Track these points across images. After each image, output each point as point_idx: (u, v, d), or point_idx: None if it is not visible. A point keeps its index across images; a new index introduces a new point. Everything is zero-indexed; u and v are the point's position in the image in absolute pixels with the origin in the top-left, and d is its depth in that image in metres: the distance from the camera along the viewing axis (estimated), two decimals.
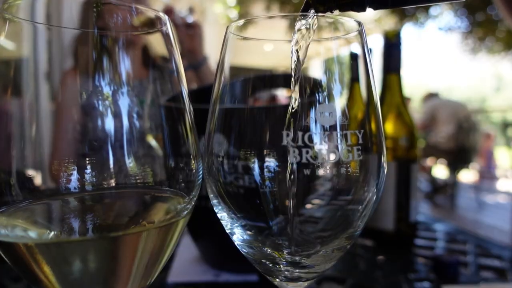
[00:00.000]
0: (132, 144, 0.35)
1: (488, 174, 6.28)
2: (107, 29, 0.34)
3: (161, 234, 0.32)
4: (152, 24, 0.35)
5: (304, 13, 0.34)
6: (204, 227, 0.66)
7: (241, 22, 0.36)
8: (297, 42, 0.33)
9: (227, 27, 0.36)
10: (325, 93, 0.34)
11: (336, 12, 0.35)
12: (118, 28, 0.34)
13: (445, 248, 0.88)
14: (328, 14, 0.35)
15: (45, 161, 0.34)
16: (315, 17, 0.33)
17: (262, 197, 0.35)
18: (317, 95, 0.33)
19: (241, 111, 0.36)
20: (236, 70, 0.37)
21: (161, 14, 0.35)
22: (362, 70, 0.36)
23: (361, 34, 0.35)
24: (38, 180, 0.33)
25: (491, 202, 5.64)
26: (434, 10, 6.64)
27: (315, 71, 0.36)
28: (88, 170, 0.34)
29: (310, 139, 0.33)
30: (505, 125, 4.60)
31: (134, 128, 0.35)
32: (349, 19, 0.35)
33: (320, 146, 0.33)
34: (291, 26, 0.36)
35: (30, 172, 0.33)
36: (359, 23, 0.35)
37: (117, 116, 0.34)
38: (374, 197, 0.36)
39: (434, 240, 0.93)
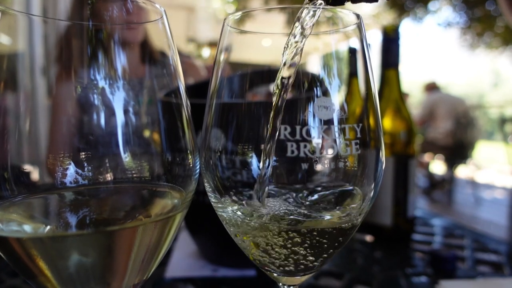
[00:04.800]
0: (129, 139, 0.34)
1: None
2: (102, 23, 0.33)
3: (158, 228, 0.32)
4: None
5: (313, 5, 0.33)
6: (201, 223, 0.66)
7: (238, 15, 0.36)
8: (296, 34, 0.33)
9: (224, 19, 0.36)
10: (323, 88, 0.33)
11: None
12: (113, 21, 0.33)
13: (443, 243, 0.88)
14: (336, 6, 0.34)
15: (41, 155, 0.34)
16: (320, 10, 0.33)
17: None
18: (315, 89, 0.33)
19: (238, 106, 0.36)
20: (233, 66, 0.37)
21: (157, 6, 0.35)
22: (361, 64, 0.36)
23: (359, 27, 0.35)
24: (33, 174, 0.33)
25: (488, 198, 5.67)
26: (432, 5, 6.63)
27: (314, 65, 0.36)
28: (85, 165, 0.33)
29: (308, 133, 0.33)
30: (502, 121, 4.60)
31: (131, 123, 0.34)
32: (348, 13, 0.35)
33: (318, 140, 0.33)
34: (290, 21, 0.35)
35: (26, 167, 0.32)
36: (358, 16, 0.35)
37: (114, 111, 0.34)
38: (372, 192, 0.36)
39: (431, 235, 0.93)
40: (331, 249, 0.35)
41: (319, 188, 0.36)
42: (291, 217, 0.34)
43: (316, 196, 0.36)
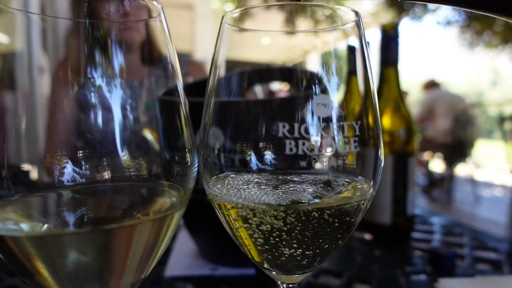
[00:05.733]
0: (127, 137, 0.34)
1: None
2: (101, 21, 0.33)
3: (156, 227, 0.32)
4: None
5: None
6: (201, 221, 0.66)
7: (237, 12, 0.36)
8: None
9: (222, 16, 0.35)
10: (322, 85, 0.33)
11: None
12: (110, 19, 0.33)
13: (442, 241, 0.88)
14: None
15: (39, 154, 0.34)
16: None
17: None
18: (314, 87, 0.33)
19: (237, 104, 0.35)
20: (232, 64, 0.37)
21: (155, 4, 0.35)
22: (360, 62, 0.35)
23: (358, 25, 0.35)
24: (31, 173, 0.33)
25: (487, 196, 5.68)
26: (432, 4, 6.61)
27: (312, 63, 0.36)
28: (83, 163, 0.33)
29: (307, 130, 0.32)
30: (501, 119, 4.60)
31: (130, 122, 0.34)
32: (346, 10, 0.35)
33: (317, 137, 0.33)
34: (290, 19, 0.35)
35: (23, 166, 0.32)
36: (357, 13, 0.35)
37: (112, 109, 0.34)
38: (371, 190, 0.36)
39: (430, 233, 0.93)
40: (327, 247, 0.35)
41: (318, 185, 0.36)
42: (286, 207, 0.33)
43: (313, 194, 0.36)
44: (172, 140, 0.36)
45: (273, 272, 0.37)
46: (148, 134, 0.36)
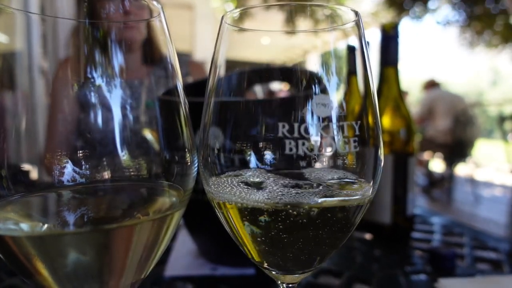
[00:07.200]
0: (127, 137, 0.34)
1: None
2: (101, 21, 0.33)
3: (156, 227, 0.32)
4: None
5: None
6: (201, 221, 0.66)
7: (237, 12, 0.36)
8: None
9: (222, 16, 0.36)
10: (321, 85, 0.33)
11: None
12: (111, 19, 0.33)
13: (442, 241, 0.88)
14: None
15: (39, 154, 0.34)
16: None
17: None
18: (313, 87, 0.33)
19: (236, 104, 0.35)
20: (231, 64, 0.37)
21: (155, 3, 0.35)
22: (360, 62, 0.35)
23: (358, 24, 0.35)
24: (31, 173, 0.33)
25: (487, 196, 5.68)
26: (432, 4, 6.63)
27: (312, 63, 0.36)
28: (83, 163, 0.33)
29: (306, 130, 0.32)
30: (501, 119, 4.61)
31: (130, 122, 0.34)
32: (346, 10, 0.35)
33: (317, 137, 0.33)
34: (289, 19, 0.35)
35: (23, 165, 0.32)
36: (356, 13, 0.35)
37: (112, 109, 0.34)
38: (371, 190, 0.36)
39: (430, 233, 0.93)
40: (327, 246, 0.35)
41: (317, 185, 0.36)
42: (285, 204, 0.33)
43: (313, 194, 0.36)
44: (172, 140, 0.36)
45: (273, 272, 0.37)
46: (148, 134, 0.36)
